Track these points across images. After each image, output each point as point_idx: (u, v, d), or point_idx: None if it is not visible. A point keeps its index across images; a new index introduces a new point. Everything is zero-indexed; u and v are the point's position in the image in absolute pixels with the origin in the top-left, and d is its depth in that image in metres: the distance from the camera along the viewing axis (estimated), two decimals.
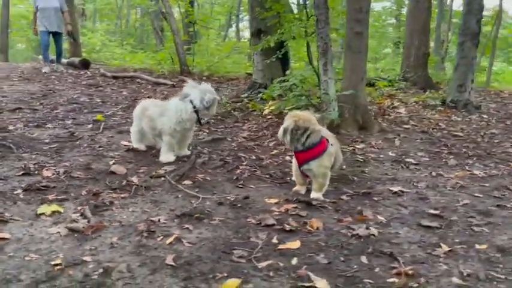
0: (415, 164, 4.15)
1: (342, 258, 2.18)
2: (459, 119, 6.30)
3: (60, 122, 5.26)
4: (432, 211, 2.91)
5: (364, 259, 2.19)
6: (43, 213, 2.58)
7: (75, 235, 2.33)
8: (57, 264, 1.99)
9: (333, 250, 2.27)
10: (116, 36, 25.49)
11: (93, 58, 17.79)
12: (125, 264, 2.02)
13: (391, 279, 1.99)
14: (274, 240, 2.36)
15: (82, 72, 10.57)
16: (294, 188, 3.24)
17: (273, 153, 4.27)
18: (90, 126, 5.08)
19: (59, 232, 2.35)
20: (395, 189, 3.35)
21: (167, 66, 10.89)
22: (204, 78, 10.27)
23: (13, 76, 9.45)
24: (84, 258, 2.07)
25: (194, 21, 10.79)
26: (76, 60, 11.98)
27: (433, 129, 5.63)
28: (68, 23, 10.10)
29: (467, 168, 4.05)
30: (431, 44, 13.49)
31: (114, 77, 9.94)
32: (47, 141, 4.31)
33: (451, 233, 2.59)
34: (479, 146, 4.89)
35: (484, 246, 2.39)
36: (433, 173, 3.87)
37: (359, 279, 1.99)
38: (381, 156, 4.39)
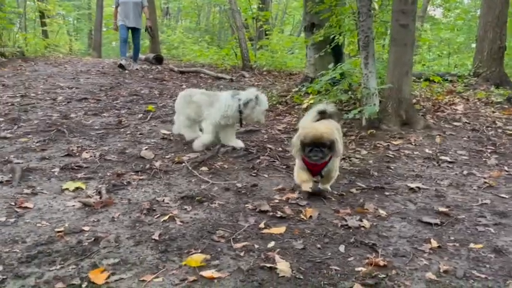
0: (450, 162, 3.95)
1: (319, 246, 2.22)
2: None
3: (115, 111, 5.74)
4: (442, 209, 2.79)
5: (342, 248, 2.20)
6: (67, 189, 2.92)
7: (86, 209, 2.61)
8: (59, 231, 2.27)
9: (314, 238, 2.31)
10: (195, 33, 26.71)
11: (172, 54, 18.84)
12: (114, 235, 2.24)
13: (360, 268, 1.99)
14: (261, 225, 2.44)
15: (153, 67, 11.27)
16: (302, 188, 2.96)
17: None
18: (140, 115, 5.48)
19: (74, 205, 2.65)
20: (413, 185, 3.25)
21: (230, 61, 11.23)
22: (264, 73, 10.50)
23: (93, 70, 10.37)
24: (84, 228, 2.33)
25: (256, 17, 11.02)
26: (151, 55, 12.82)
27: (487, 127, 5.25)
28: (148, 19, 10.28)
29: (506, 168, 3.77)
30: None
31: (181, 72, 10.49)
32: (96, 127, 4.75)
33: (450, 230, 2.48)
34: None
35: (479, 246, 2.27)
36: (465, 172, 3.66)
37: (326, 265, 2.02)
38: (415, 153, 4.23)
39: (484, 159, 4.05)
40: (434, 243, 2.27)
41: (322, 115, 3.17)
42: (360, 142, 4.59)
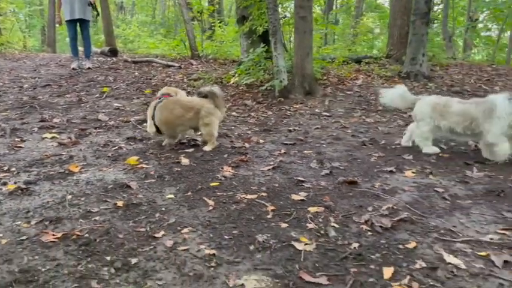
0: (327, 116, 5.47)
1: (212, 154, 3.63)
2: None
3: (76, 93, 6.93)
4: (300, 137, 4.28)
5: (225, 155, 3.62)
6: (46, 137, 4.19)
7: (62, 146, 3.90)
8: (46, 155, 3.56)
9: (210, 152, 3.71)
10: (151, 26, 27.61)
11: (128, 48, 19.77)
12: (83, 155, 3.56)
13: (230, 160, 3.42)
14: (177, 147, 3.82)
15: (109, 59, 12.35)
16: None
17: None
18: (97, 95, 6.71)
19: (53, 144, 3.94)
20: (291, 128, 4.72)
21: (179, 51, 12.47)
22: (211, 60, 11.83)
23: (51, 63, 11.35)
24: (62, 153, 3.63)
25: (201, 11, 12.30)
26: (106, 48, 13.85)
27: (371, 94, 6.84)
28: None
29: (363, 118, 5.33)
30: None
31: (134, 62, 11.64)
32: (62, 103, 5.97)
33: (298, 147, 3.96)
34: None
35: (308, 152, 3.76)
36: (333, 121, 5.18)
37: (212, 161, 3.43)
38: (307, 112, 5.73)
39: (353, 113, 5.60)
40: (283, 151, 3.74)
41: (201, 95, 4.00)
42: (269, 107, 6.05)
